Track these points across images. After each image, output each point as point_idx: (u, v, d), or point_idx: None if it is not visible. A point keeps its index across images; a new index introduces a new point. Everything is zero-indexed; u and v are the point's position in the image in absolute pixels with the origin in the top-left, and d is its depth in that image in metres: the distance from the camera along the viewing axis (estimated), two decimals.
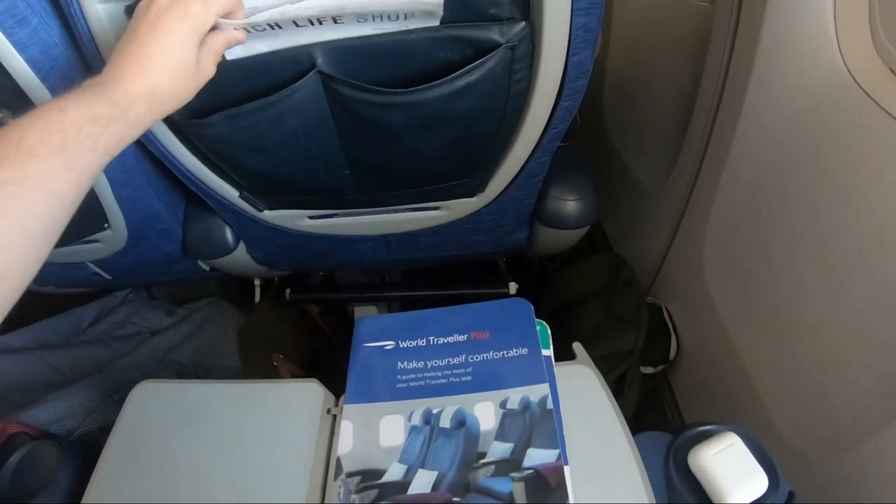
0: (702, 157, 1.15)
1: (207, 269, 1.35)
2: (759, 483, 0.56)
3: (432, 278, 1.21)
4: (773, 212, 0.97)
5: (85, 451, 0.70)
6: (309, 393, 0.72)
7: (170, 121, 0.83)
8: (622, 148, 1.57)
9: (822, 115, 0.84)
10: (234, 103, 0.75)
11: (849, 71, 0.79)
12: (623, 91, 1.54)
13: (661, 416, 1.35)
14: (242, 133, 0.80)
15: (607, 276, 1.47)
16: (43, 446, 0.70)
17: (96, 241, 1.14)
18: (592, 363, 0.64)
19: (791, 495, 0.57)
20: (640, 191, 1.46)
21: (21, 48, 0.73)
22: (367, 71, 0.73)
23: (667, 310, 1.38)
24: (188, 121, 0.78)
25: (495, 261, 1.50)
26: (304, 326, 1.60)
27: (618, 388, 1.31)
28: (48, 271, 1.29)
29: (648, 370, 1.34)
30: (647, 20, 1.40)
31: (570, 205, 1.09)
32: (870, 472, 0.80)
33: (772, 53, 0.89)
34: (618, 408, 0.60)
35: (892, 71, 0.76)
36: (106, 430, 0.93)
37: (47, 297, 1.53)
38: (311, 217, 1.08)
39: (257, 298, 1.59)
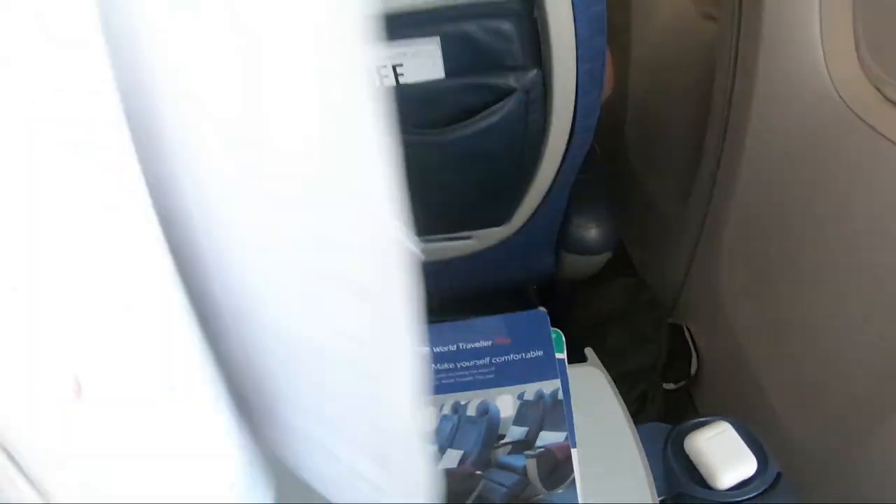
0: (714, 181, 1.20)
1: None
2: (749, 464, 0.60)
3: (467, 307, 1.27)
4: (780, 229, 1.01)
5: None
6: None
7: None
8: (644, 174, 1.61)
9: (817, 136, 0.88)
10: None
11: (837, 92, 0.84)
12: (643, 119, 1.58)
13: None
14: None
15: (628, 298, 1.51)
16: None
17: None
18: (601, 365, 0.70)
19: (779, 476, 0.60)
20: (662, 215, 1.51)
21: None
22: (401, 115, 0.82)
23: (688, 329, 1.42)
24: None
25: (525, 289, 1.57)
26: None
27: (640, 403, 1.35)
28: None
29: (671, 386, 1.38)
30: (662, 49, 1.46)
31: (591, 232, 1.15)
32: (875, 472, 0.84)
33: (769, 77, 0.94)
34: (622, 402, 0.66)
35: (878, 90, 0.80)
36: None
37: None
38: None
39: None
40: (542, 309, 0.76)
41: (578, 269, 1.28)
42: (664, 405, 1.36)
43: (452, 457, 0.62)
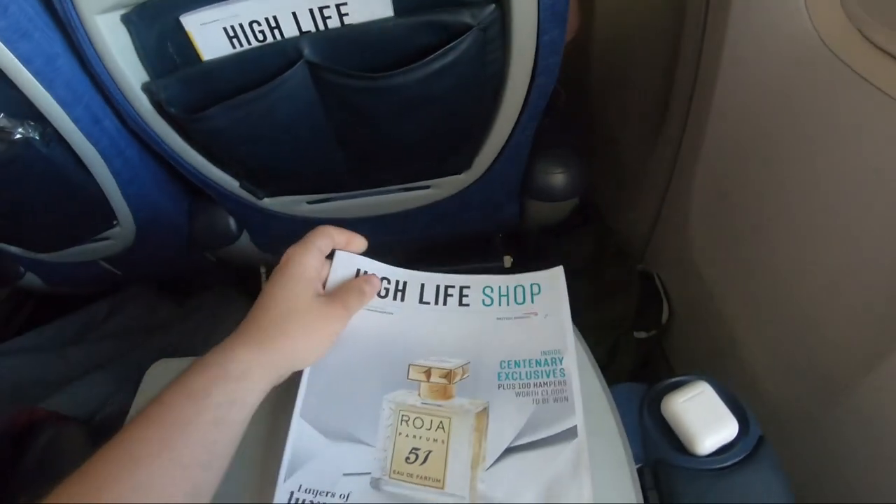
0: (684, 126, 1.17)
1: (214, 259, 1.40)
2: (730, 428, 0.58)
3: (431, 257, 1.25)
4: (751, 174, 0.99)
5: (108, 433, 0.73)
6: None
7: (171, 118, 0.87)
8: (611, 121, 1.59)
9: (794, 78, 0.85)
10: (229, 96, 0.79)
11: (817, 32, 0.80)
12: (610, 62, 1.55)
13: (655, 380, 1.38)
14: (238, 124, 0.84)
15: (597, 247, 1.51)
16: (69, 429, 0.73)
17: (106, 238, 1.19)
18: (575, 327, 0.67)
19: (761, 440, 0.58)
20: (630, 162, 1.48)
21: (26, 61, 0.77)
22: (350, 59, 0.77)
23: (658, 277, 1.41)
24: (188, 116, 0.82)
25: (492, 238, 1.54)
26: None
27: (612, 354, 1.35)
28: (60, 272, 1.34)
29: (642, 335, 1.37)
30: None
31: (556, 178, 1.12)
32: (851, 425, 0.83)
33: (744, 17, 0.90)
34: (594, 362, 0.64)
35: (859, 31, 0.76)
36: (125, 413, 0.98)
37: (60, 299, 1.57)
38: (309, 202, 1.11)
39: (263, 283, 1.62)
40: (508, 258, 0.72)
41: (544, 216, 1.26)
42: (636, 355, 1.35)
43: None
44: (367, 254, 0.70)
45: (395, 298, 0.69)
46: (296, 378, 0.63)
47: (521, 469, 0.55)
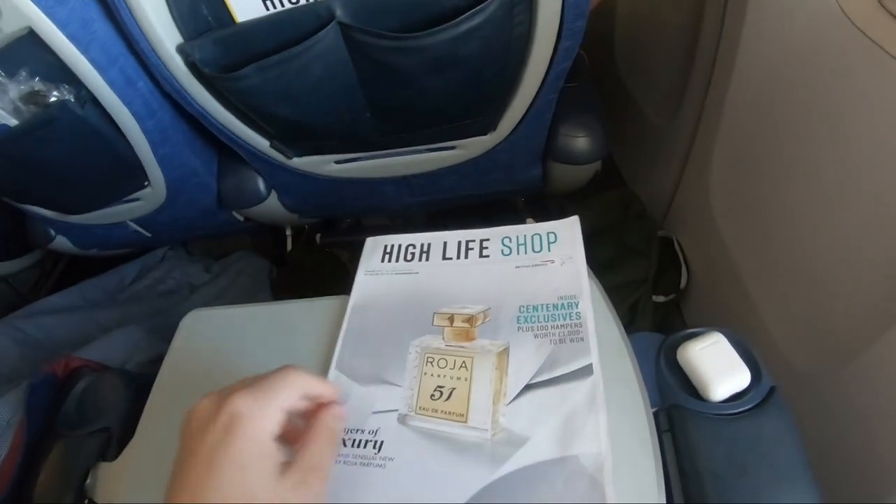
0: (705, 92, 1.18)
1: (242, 219, 1.42)
2: (743, 376, 0.59)
3: (454, 221, 1.27)
4: (772, 141, 0.99)
5: (140, 380, 0.76)
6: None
7: (205, 79, 0.90)
8: (634, 88, 1.58)
9: (814, 48, 0.85)
10: (262, 57, 0.82)
11: (837, 3, 0.80)
12: (634, 29, 1.55)
13: None
14: (271, 83, 0.86)
15: (619, 211, 1.52)
16: (106, 376, 0.76)
17: (137, 199, 1.22)
18: (593, 274, 0.69)
19: (773, 390, 0.59)
20: (652, 129, 1.48)
21: (61, 25, 0.79)
22: (381, 20, 0.79)
23: (678, 242, 1.42)
24: (222, 75, 0.85)
25: (515, 202, 1.56)
26: (335, 272, 1.65)
27: (630, 316, 1.36)
28: (91, 233, 1.37)
29: (660, 299, 1.39)
30: None
31: (579, 141, 1.14)
32: (861, 387, 0.84)
33: None
34: (614, 311, 0.66)
35: (880, 4, 0.77)
36: (154, 362, 1.00)
37: (88, 263, 1.60)
38: (337, 162, 1.14)
39: (289, 247, 1.66)
40: (531, 220, 0.75)
41: (566, 179, 1.27)
42: (654, 318, 1.37)
43: None
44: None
45: (420, 260, 0.73)
46: (334, 335, 0.67)
47: (540, 404, 0.58)
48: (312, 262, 1.67)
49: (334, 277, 1.63)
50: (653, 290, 1.40)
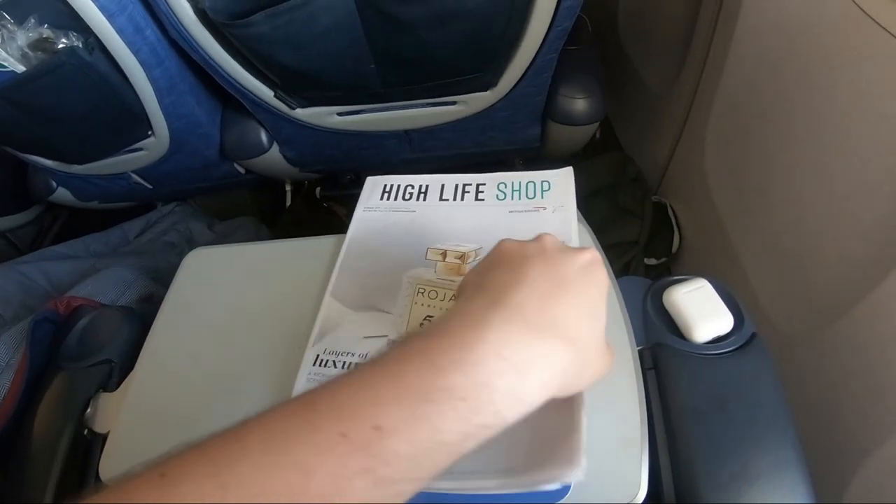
0: (704, 61, 1.19)
1: (243, 171, 1.44)
2: (725, 320, 0.62)
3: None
4: (766, 110, 1.01)
5: (135, 315, 0.76)
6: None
7: (213, 26, 0.91)
8: (635, 54, 1.59)
9: (812, 19, 0.86)
10: (271, 5, 0.83)
11: None
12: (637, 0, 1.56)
13: None
14: (279, 31, 0.87)
15: (615, 173, 1.53)
16: (107, 311, 0.77)
17: (140, 149, 1.24)
18: (584, 220, 0.70)
19: (754, 336, 0.62)
20: (650, 95, 1.50)
21: None
22: None
23: (671, 207, 1.44)
24: (231, 22, 0.86)
25: (513, 163, 1.58)
26: (333, 228, 1.64)
27: (622, 276, 1.38)
28: (92, 185, 1.38)
29: (652, 262, 1.42)
30: None
31: (578, 102, 1.16)
32: (840, 348, 0.87)
33: None
34: (604, 253, 0.67)
35: None
36: (143, 300, 0.99)
37: (88, 217, 1.61)
38: (340, 114, 1.15)
39: (288, 202, 1.66)
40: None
41: (564, 140, 1.29)
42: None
43: None
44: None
45: (417, 199, 0.75)
46: (331, 269, 0.69)
47: None
48: (310, 217, 1.68)
49: (332, 232, 1.62)
50: (645, 254, 1.42)
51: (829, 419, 0.90)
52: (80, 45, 0.92)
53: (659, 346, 0.62)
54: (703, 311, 0.63)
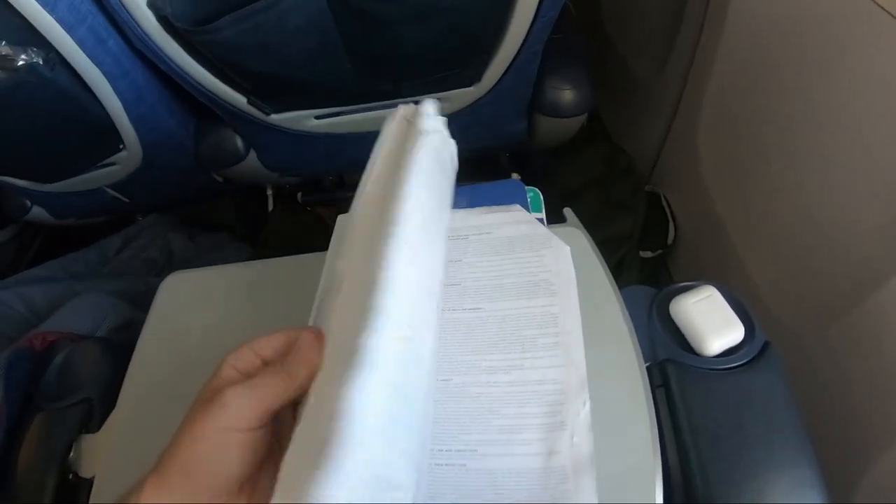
0: (695, 47, 1.17)
1: (221, 180, 1.40)
2: (737, 331, 0.59)
3: None
4: (761, 97, 0.99)
5: (113, 345, 0.74)
6: None
7: (177, 34, 0.87)
8: (621, 42, 1.57)
9: (807, 4, 0.84)
10: (237, 8, 0.79)
11: None
12: None
13: None
14: (248, 35, 0.83)
15: (605, 165, 1.51)
16: (83, 345, 0.74)
17: (112, 163, 1.20)
18: (581, 225, 0.68)
19: (766, 345, 0.59)
20: (639, 83, 1.48)
21: None
22: None
23: (665, 198, 1.42)
24: (195, 29, 0.82)
25: (499, 158, 1.55)
26: (316, 230, 1.62)
27: (617, 272, 1.36)
28: (68, 202, 1.35)
29: (647, 254, 1.39)
30: None
31: (565, 94, 1.12)
32: (848, 344, 0.85)
33: None
34: (605, 265, 0.64)
35: None
36: (122, 328, 0.97)
37: (69, 234, 1.58)
38: (317, 117, 1.11)
39: (270, 207, 1.63)
40: (516, 176, 0.73)
41: (552, 133, 1.26)
42: (640, 274, 1.37)
43: None
44: None
45: None
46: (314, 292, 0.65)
47: None
48: (294, 221, 1.64)
49: (315, 235, 1.61)
50: (639, 246, 1.40)
51: (830, 417, 0.88)
52: (41, 61, 0.88)
53: (668, 362, 0.59)
54: (713, 322, 0.60)
